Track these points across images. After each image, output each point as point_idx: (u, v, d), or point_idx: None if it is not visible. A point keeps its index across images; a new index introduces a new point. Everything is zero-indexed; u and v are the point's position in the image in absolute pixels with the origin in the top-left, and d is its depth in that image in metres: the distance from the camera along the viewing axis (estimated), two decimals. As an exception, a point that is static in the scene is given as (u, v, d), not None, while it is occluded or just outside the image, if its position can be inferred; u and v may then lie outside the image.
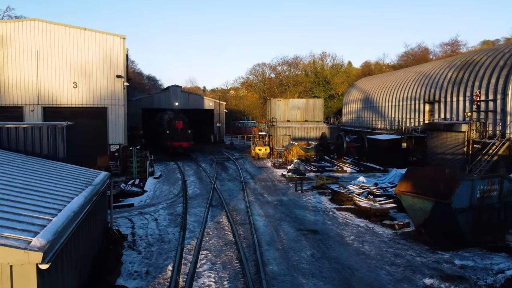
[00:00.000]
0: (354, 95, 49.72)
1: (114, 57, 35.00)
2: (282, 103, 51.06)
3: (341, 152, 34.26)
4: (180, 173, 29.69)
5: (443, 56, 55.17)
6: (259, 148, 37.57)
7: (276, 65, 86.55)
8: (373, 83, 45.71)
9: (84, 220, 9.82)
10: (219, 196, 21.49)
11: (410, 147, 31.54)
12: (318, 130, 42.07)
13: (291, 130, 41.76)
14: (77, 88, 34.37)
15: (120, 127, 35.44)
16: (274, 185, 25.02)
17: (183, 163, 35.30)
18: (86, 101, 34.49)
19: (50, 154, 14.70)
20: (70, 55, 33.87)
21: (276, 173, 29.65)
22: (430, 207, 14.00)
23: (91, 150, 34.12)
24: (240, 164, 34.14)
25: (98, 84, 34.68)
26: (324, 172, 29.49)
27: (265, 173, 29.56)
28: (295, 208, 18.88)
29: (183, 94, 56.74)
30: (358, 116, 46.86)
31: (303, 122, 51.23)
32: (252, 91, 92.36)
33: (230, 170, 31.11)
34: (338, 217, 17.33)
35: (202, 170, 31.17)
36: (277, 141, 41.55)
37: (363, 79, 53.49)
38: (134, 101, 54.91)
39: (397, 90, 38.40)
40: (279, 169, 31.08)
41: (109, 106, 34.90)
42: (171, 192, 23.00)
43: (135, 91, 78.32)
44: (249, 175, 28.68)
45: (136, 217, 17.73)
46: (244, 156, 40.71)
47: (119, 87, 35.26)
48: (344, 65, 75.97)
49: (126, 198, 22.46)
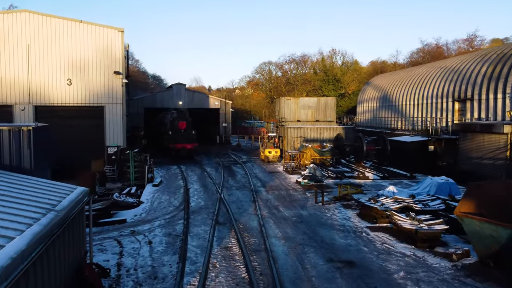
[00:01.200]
0: (369, 93, 46.10)
1: (112, 52, 31.76)
2: (292, 102, 47.57)
3: (361, 155, 30.71)
4: (183, 179, 26.31)
5: (463, 52, 51.46)
6: (268, 151, 34.10)
7: (283, 63, 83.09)
8: (391, 80, 42.07)
9: (33, 267, 6.50)
10: (226, 210, 18.07)
11: (438, 150, 27.97)
12: (332, 131, 38.53)
13: (303, 131, 38.27)
14: (72, 85, 31.17)
15: (118, 128, 32.20)
16: (289, 194, 21.56)
17: (187, 167, 31.94)
18: (82, 99, 31.30)
19: (13, 165, 11.35)
20: (64, 50, 30.68)
21: (290, 179, 26.17)
22: (506, 235, 10.51)
23: (87, 153, 30.92)
24: (249, 169, 30.71)
25: (95, 81, 31.48)
26: (344, 178, 25.96)
27: (277, 180, 26.10)
28: (319, 227, 15.41)
29: (187, 92, 53.40)
30: (374, 115, 43.26)
31: (314, 122, 47.71)
32: (259, 90, 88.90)
33: (238, 176, 27.69)
34: (374, 240, 13.84)
35: (207, 175, 27.77)
36: (287, 142, 38.07)
37: (379, 76, 49.84)
38: (136, 100, 51.68)
39: (419, 87, 34.78)
40: (293, 175, 27.60)
41: (106, 105, 31.69)
42: (171, 204, 19.61)
43: (138, 90, 75.13)
44: (259, 182, 25.24)
45: (126, 239, 14.36)
46: (253, 159, 37.28)
47: (117, 84, 32.00)
48: (355, 62, 72.24)
49: (119, 211, 19.11)
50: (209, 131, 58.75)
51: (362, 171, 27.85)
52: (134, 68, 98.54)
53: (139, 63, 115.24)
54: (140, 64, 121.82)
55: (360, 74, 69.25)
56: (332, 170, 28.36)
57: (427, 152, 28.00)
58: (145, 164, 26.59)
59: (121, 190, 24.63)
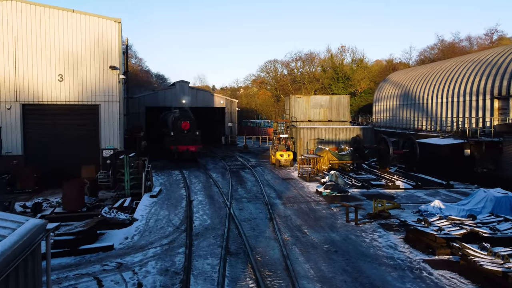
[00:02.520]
0: (387, 91, 42.17)
1: (108, 45, 28.15)
2: (303, 101, 43.84)
3: (386, 160, 26.90)
4: (185, 188, 22.63)
5: (487, 47, 47.43)
6: (280, 154, 30.36)
7: (289, 61, 79.25)
8: (412, 76, 38.14)
9: None
10: (238, 232, 14.37)
11: (476, 155, 24.15)
12: (348, 131, 34.76)
13: (317, 131, 34.53)
14: (63, 81, 27.60)
15: (115, 128, 28.60)
16: (311, 209, 17.82)
17: (190, 172, 28.26)
18: (74, 97, 27.73)
19: None
20: (55, 42, 27.12)
21: (308, 188, 22.43)
22: None
23: (80, 156, 27.37)
24: (259, 174, 27.00)
25: (89, 77, 27.89)
26: (371, 188, 22.19)
27: (293, 188, 22.38)
28: (361, 260, 11.66)
29: (191, 90, 49.71)
30: (394, 114, 39.38)
31: (326, 122, 43.97)
32: (264, 88, 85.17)
33: (248, 183, 23.98)
34: (443, 285, 10.07)
35: (212, 183, 24.08)
36: (300, 145, 34.34)
37: (397, 72, 45.93)
38: (137, 98, 48.06)
39: (447, 84, 30.88)
40: (310, 183, 23.86)
41: (101, 103, 28.09)
42: (171, 222, 15.92)
43: (141, 90, 71.56)
44: (273, 192, 21.53)
45: (110, 277, 10.69)
46: (262, 162, 33.56)
47: (114, 80, 28.38)
48: (365, 59, 68.30)
49: (109, 230, 15.49)
50: (214, 131, 55.09)
51: (390, 179, 24.07)
52: (137, 66, 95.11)
53: (143, 61, 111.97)
54: (144, 63, 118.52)
55: (371, 71, 65.32)
56: (355, 177, 24.57)
57: (463, 157, 24.19)
58: (142, 170, 22.96)
59: (114, 200, 21.00)
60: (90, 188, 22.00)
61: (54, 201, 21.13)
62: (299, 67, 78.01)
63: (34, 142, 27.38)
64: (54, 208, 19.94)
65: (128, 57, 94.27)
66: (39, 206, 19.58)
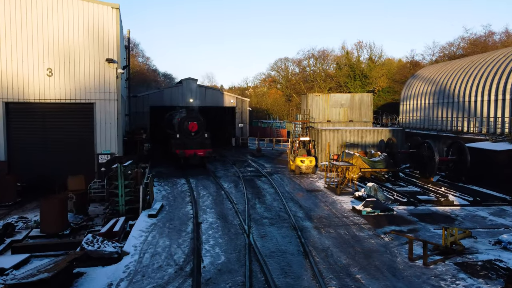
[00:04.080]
0: (418, 88, 37.60)
1: (104, 34, 24.25)
2: (322, 99, 39.54)
3: (430, 168, 22.50)
4: (192, 202, 18.49)
5: None
6: (301, 160, 26.11)
7: (301, 59, 74.86)
8: (447, 71, 33.53)
9: None
10: (265, 278, 10.20)
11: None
12: (376, 134, 30.41)
13: (341, 134, 30.23)
14: (53, 76, 23.79)
15: (112, 130, 24.70)
16: (355, 237, 13.57)
17: (197, 181, 24.15)
18: (65, 94, 23.92)
19: None
20: (43, 31, 23.35)
21: (341, 204, 18.16)
22: None
23: (72, 163, 23.52)
24: (278, 184, 22.81)
25: (82, 71, 24.05)
26: (420, 204, 17.85)
27: (323, 204, 18.14)
28: None
29: (199, 89, 45.62)
30: (427, 114, 34.87)
31: (347, 122, 39.64)
32: (275, 87, 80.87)
33: (267, 197, 19.79)
34: None
35: (224, 196, 19.93)
36: (321, 149, 30.07)
37: (429, 67, 41.31)
38: (141, 97, 44.13)
39: (496, 79, 26.29)
40: (342, 196, 19.59)
41: (96, 102, 24.23)
42: (172, 259, 11.76)
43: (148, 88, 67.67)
44: (300, 209, 17.31)
45: None
46: (279, 168, 29.34)
47: (111, 75, 24.49)
48: (383, 56, 63.59)
49: (90, 268, 11.45)
50: (224, 133, 51.00)
51: (439, 192, 19.69)
52: (143, 65, 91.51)
53: (150, 60, 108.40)
54: (151, 62, 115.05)
55: (390, 68, 60.68)
56: (395, 190, 20.19)
57: (526, 165, 19.77)
58: (142, 180, 18.89)
59: (105, 219, 16.96)
60: (77, 203, 17.99)
61: (33, 219, 17.18)
62: (312, 64, 73.71)
63: (20, 146, 23.56)
64: (30, 230, 15.98)
65: (135, 56, 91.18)
66: (11, 227, 15.62)
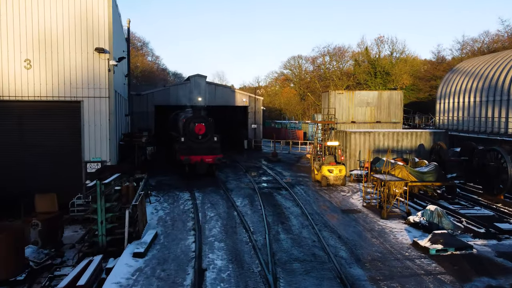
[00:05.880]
0: (459, 83, 32.38)
1: (94, 20, 19.92)
2: (345, 97, 34.65)
3: (502, 183, 17.50)
4: (195, 230, 13.89)
5: None
6: (329, 169, 21.33)
7: (316, 57, 69.89)
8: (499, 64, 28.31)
9: None
10: None
11: None
12: (415, 137, 25.46)
13: (373, 137, 25.36)
14: (32, 69, 19.52)
15: (103, 133, 20.32)
16: (436, 300, 8.86)
17: (204, 195, 19.55)
18: (47, 90, 19.62)
19: None
20: (19, 16, 19.07)
21: (394, 234, 13.35)
22: None
23: (55, 173, 19.28)
24: (304, 201, 18.09)
25: (67, 64, 19.72)
26: (503, 237, 12.98)
27: (370, 235, 13.35)
28: None
29: (208, 86, 41.05)
30: (472, 114, 29.75)
31: (373, 123, 34.73)
32: (287, 85, 76.03)
33: (292, 221, 15.08)
34: None
35: (238, 219, 15.27)
36: (350, 155, 25.25)
37: (472, 59, 36.07)
38: (145, 95, 39.80)
39: None
40: (390, 221, 14.77)
41: (84, 99, 19.88)
42: None
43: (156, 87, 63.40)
44: (340, 243, 12.55)
45: None
46: (300, 177, 24.61)
47: (102, 67, 20.09)
48: (406, 51, 58.20)
49: None
50: (235, 134, 46.36)
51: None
52: (153, 64, 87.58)
53: (159, 59, 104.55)
54: (160, 61, 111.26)
55: (414, 65, 55.41)
56: (461, 212, 15.24)
57: None
58: (133, 198, 14.40)
59: (79, 256, 12.46)
60: (45, 232, 13.55)
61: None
62: (327, 62, 68.69)
63: (-10, 153, 19.24)
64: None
65: (145, 55, 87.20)
66: None
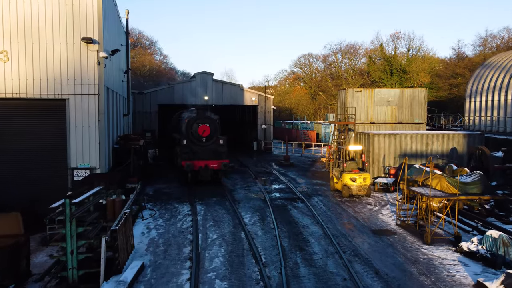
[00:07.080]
0: (492, 80, 28.91)
1: (81, 6, 17.10)
2: (364, 95, 31.37)
3: None
4: (193, 260, 10.89)
5: None
6: (351, 177, 18.19)
7: (328, 54, 66.58)
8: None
9: None
10: None
11: None
12: (446, 140, 22.18)
13: (399, 139, 22.13)
14: (10, 62, 16.81)
15: (91, 136, 17.48)
16: None
17: (207, 208, 16.56)
18: (27, 86, 16.84)
19: None
20: (-2, 2, 16.36)
21: (447, 268, 10.21)
22: None
23: (35, 184, 16.57)
24: (324, 216, 15.01)
25: (50, 56, 16.91)
26: None
27: (415, 270, 10.22)
28: None
29: (215, 84, 38.10)
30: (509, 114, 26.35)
31: (395, 124, 31.43)
32: (298, 84, 72.81)
33: (313, 247, 12.00)
34: None
35: (246, 244, 12.22)
36: (373, 160, 22.06)
37: (506, 52, 32.59)
38: (148, 94, 37.02)
39: None
40: (436, 248, 11.61)
41: (70, 97, 17.05)
42: None
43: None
44: (379, 282, 9.45)
45: None
46: (316, 185, 21.49)
47: (90, 60, 17.25)
48: (424, 47, 54.61)
49: None
50: (244, 135, 43.37)
51: None
52: (160, 63, 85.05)
53: (167, 58, 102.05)
54: (168, 60, 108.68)
55: (432, 62, 51.81)
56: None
57: None
58: (116, 219, 11.50)
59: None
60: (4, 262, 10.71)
61: None
62: (339, 60, 65.35)
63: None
64: None
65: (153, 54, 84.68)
66: None
